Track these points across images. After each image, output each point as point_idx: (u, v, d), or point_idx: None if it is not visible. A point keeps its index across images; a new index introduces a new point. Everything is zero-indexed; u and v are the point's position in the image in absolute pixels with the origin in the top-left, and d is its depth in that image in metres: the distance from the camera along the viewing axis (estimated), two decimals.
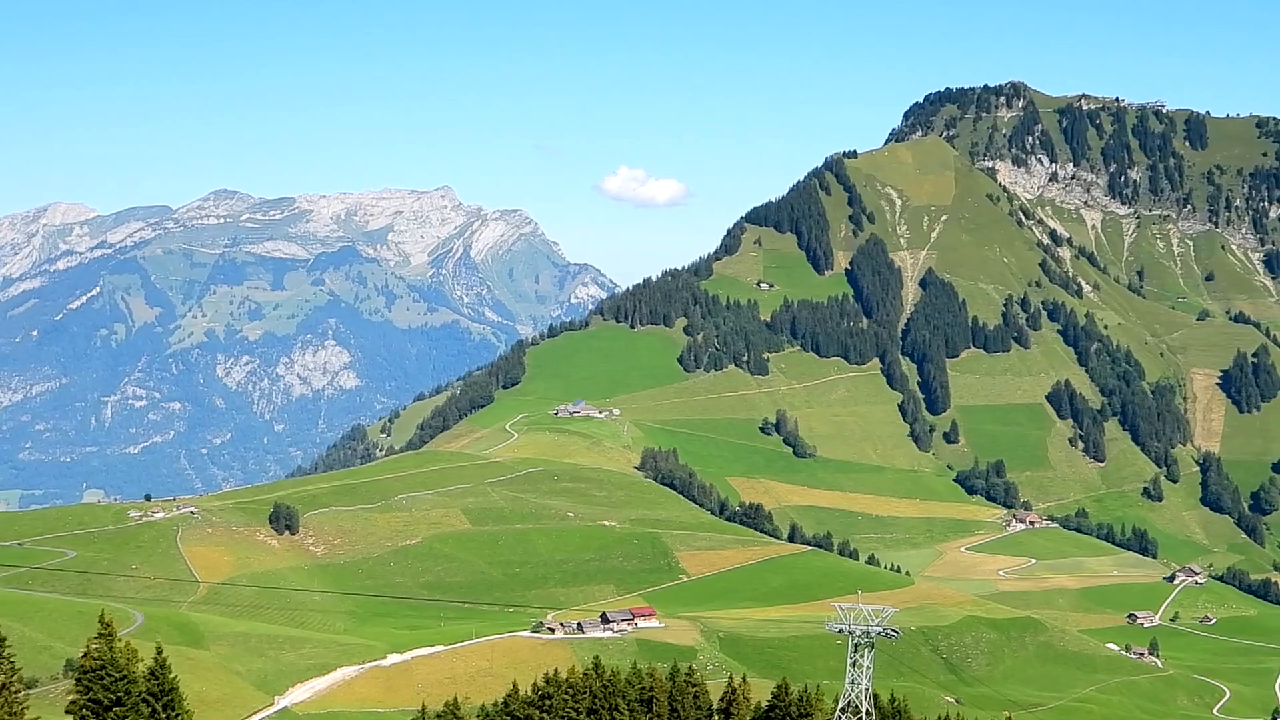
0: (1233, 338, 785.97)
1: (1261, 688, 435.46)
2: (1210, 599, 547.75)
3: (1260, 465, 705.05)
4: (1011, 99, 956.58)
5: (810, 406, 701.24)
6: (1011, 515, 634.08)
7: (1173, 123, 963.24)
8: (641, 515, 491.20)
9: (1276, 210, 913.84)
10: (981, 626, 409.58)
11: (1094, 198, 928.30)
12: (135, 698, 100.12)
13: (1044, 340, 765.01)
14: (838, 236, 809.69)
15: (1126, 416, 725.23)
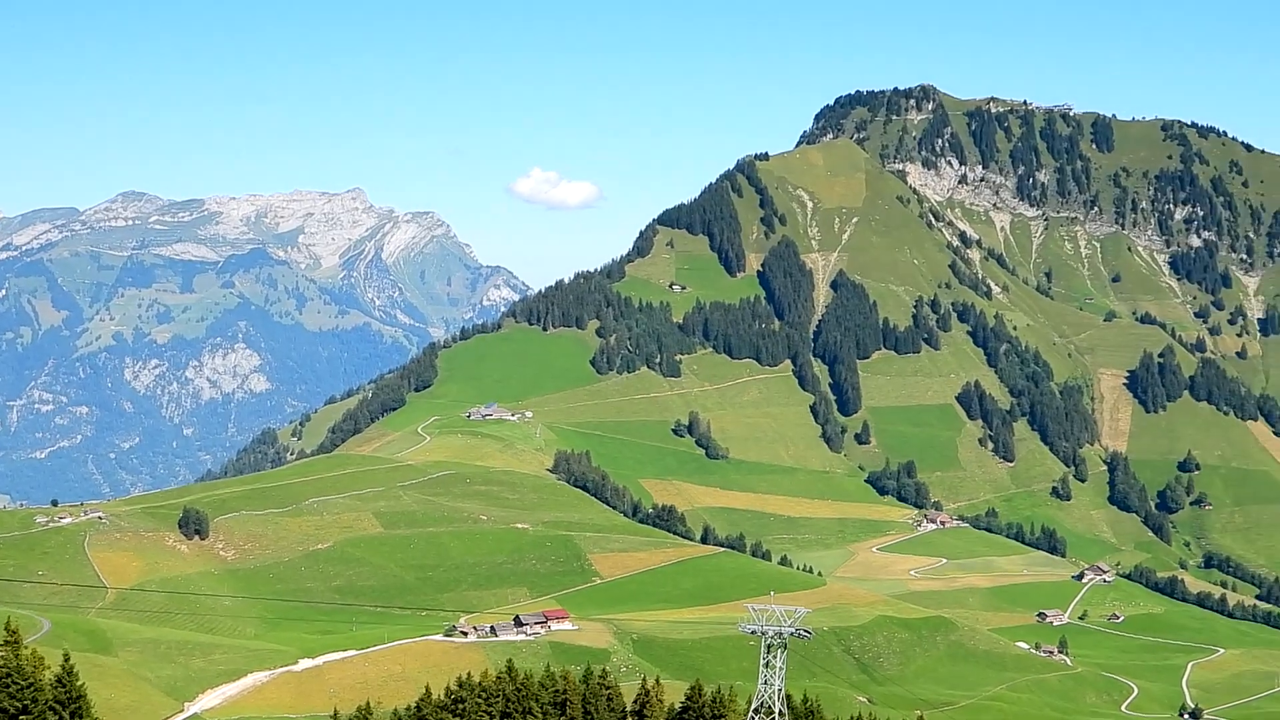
0: (1139, 338, 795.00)
1: (1168, 684, 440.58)
2: (1118, 597, 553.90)
3: (1166, 464, 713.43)
4: (921, 102, 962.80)
5: (723, 408, 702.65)
6: (922, 515, 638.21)
7: (1080, 126, 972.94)
8: (554, 518, 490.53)
9: (1181, 212, 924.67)
10: (893, 626, 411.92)
11: (1003, 200, 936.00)
12: (42, 705, 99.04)
13: (954, 341, 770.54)
14: (749, 238, 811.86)
15: (1035, 417, 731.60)
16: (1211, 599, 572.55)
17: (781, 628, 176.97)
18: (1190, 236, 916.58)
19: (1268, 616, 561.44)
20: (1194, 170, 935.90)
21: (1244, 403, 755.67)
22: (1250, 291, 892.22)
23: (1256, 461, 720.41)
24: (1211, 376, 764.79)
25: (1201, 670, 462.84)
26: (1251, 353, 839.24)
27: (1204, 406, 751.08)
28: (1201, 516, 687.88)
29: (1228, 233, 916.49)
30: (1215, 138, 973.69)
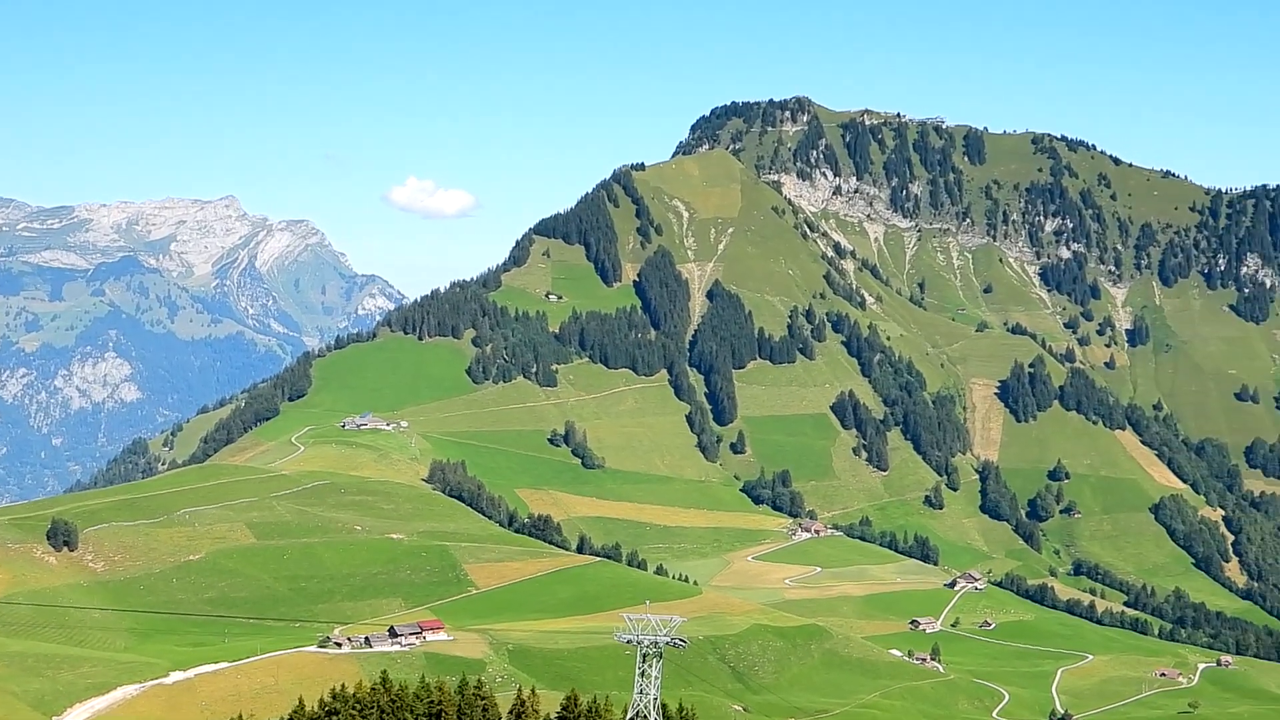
0: (1010, 349, 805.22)
1: (1039, 690, 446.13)
2: (989, 604, 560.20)
3: (1037, 473, 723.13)
4: (796, 113, 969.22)
5: (599, 418, 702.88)
6: (797, 524, 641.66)
7: (952, 138, 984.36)
8: (430, 528, 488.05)
9: (1051, 224, 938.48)
10: (768, 635, 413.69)
11: (876, 211, 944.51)
12: None
13: (828, 351, 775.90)
14: (626, 248, 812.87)
15: (908, 426, 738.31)
16: (1081, 606, 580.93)
17: (657, 637, 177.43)
18: (1060, 248, 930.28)
19: (1135, 623, 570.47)
20: (1064, 183, 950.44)
21: (1112, 412, 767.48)
22: (1118, 303, 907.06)
23: (1124, 470, 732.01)
24: (1081, 386, 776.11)
25: (1071, 676, 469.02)
26: (1119, 363, 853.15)
27: (1073, 416, 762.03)
28: (1071, 525, 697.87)
29: (1096, 245, 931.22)
30: (1084, 151, 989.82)
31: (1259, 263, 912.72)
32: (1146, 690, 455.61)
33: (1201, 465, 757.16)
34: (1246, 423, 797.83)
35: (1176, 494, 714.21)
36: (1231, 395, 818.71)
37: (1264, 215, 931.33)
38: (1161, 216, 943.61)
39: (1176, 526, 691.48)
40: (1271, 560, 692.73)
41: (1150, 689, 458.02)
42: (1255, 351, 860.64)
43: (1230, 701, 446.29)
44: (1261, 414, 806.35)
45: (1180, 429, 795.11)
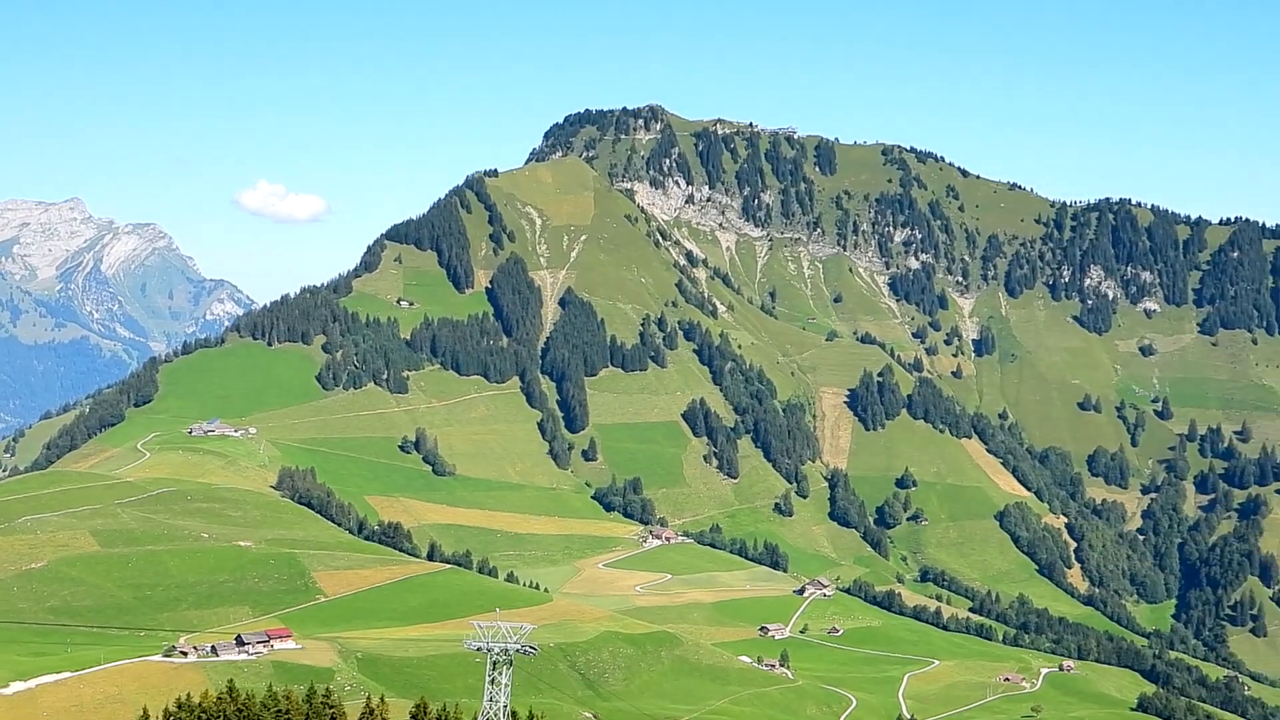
0: (859, 358, 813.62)
1: (886, 695, 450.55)
2: (838, 610, 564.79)
3: (885, 481, 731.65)
4: (650, 122, 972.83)
5: (450, 425, 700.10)
6: (648, 531, 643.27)
7: (804, 149, 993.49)
8: (278, 535, 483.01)
9: (901, 235, 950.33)
10: (618, 642, 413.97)
11: (728, 220, 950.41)
12: None
13: (680, 359, 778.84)
14: (478, 255, 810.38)
15: (759, 434, 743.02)
16: (927, 612, 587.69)
17: (507, 644, 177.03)
18: (909, 258, 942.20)
19: (980, 628, 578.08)
20: (913, 194, 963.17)
21: (959, 421, 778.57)
22: (965, 313, 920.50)
23: (970, 478, 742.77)
24: (928, 395, 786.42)
25: (917, 681, 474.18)
26: (966, 372, 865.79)
27: (921, 425, 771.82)
28: (918, 532, 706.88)
29: (944, 255, 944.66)
30: (933, 162, 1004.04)
31: (1102, 275, 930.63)
32: (991, 695, 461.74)
33: (1045, 473, 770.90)
34: (1089, 432, 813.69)
35: (1021, 501, 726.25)
36: (1074, 405, 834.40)
37: (1107, 228, 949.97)
38: (1008, 228, 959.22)
39: (1020, 533, 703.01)
40: (1112, 567, 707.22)
41: (994, 694, 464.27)
42: (1098, 362, 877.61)
43: (1072, 705, 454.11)
44: (1103, 423, 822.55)
45: (1025, 438, 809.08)
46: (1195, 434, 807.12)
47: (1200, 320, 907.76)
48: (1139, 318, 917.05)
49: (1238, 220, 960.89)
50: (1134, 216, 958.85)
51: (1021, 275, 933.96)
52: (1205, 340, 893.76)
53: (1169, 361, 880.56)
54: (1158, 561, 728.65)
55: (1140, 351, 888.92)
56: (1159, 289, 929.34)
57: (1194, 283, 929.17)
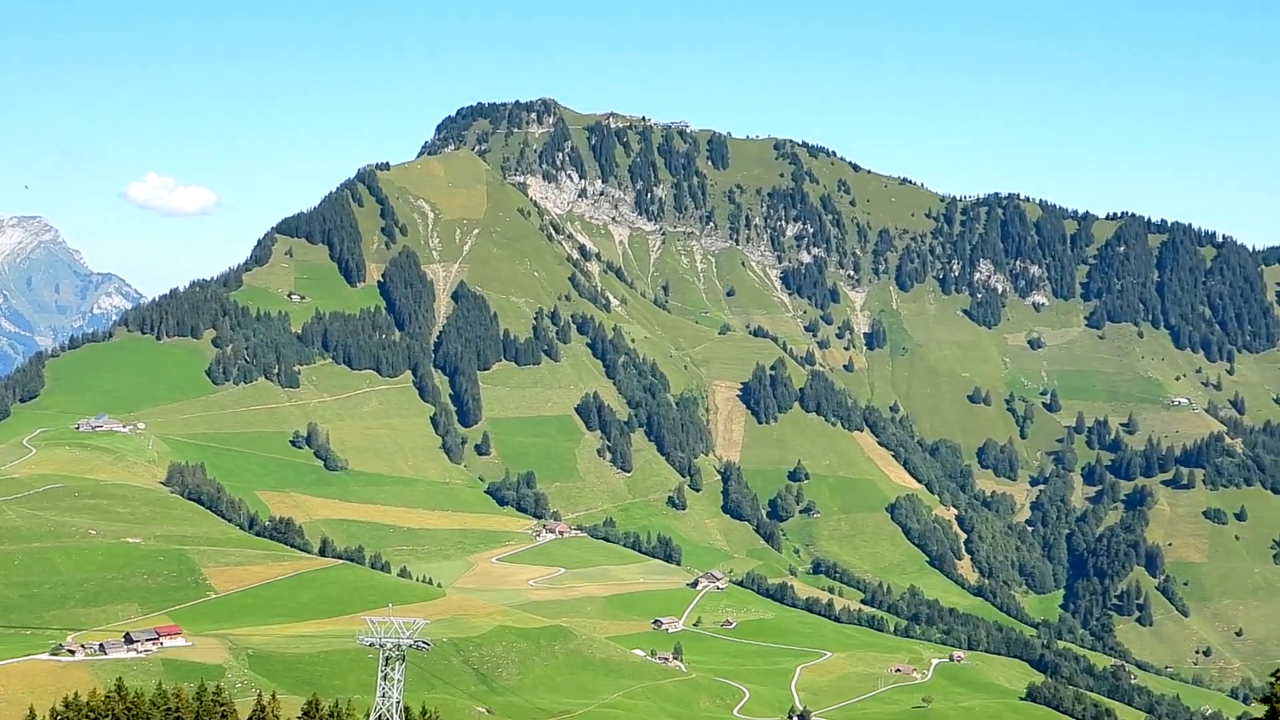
0: (752, 351, 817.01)
1: (779, 688, 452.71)
2: (731, 603, 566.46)
3: (777, 474, 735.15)
4: (542, 115, 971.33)
5: (342, 419, 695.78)
6: (541, 525, 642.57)
7: (696, 143, 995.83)
8: (167, 531, 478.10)
9: (793, 229, 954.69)
10: (512, 636, 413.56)
11: (621, 214, 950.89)
12: None
13: (573, 353, 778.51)
14: (370, 248, 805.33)
15: (652, 428, 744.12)
16: (819, 604, 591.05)
17: (400, 639, 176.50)
18: (801, 253, 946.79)
19: (872, 620, 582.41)
20: (805, 188, 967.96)
21: (850, 414, 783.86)
22: (857, 306, 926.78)
23: (862, 471, 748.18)
24: (820, 388, 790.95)
25: (809, 673, 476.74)
26: (858, 365, 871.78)
27: (813, 418, 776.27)
28: (810, 524, 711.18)
29: (836, 249, 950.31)
30: (825, 157, 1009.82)
31: (991, 269, 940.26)
32: (882, 686, 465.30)
33: (936, 466, 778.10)
34: (978, 424, 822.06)
35: (912, 494, 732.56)
36: (964, 397, 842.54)
37: (996, 223, 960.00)
38: (899, 223, 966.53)
39: (911, 525, 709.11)
40: (1001, 558, 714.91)
41: (886, 685, 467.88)
42: (987, 355, 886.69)
43: (962, 696, 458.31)
44: (993, 416, 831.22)
45: (915, 430, 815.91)
46: (1083, 426, 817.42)
47: (1087, 314, 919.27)
48: (1028, 311, 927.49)
49: (1124, 215, 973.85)
50: (1022, 211, 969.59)
51: (912, 269, 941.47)
52: (1092, 333, 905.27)
53: (1057, 354, 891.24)
54: (1046, 552, 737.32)
55: (1029, 345, 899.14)
56: (1047, 283, 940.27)
57: (1081, 277, 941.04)
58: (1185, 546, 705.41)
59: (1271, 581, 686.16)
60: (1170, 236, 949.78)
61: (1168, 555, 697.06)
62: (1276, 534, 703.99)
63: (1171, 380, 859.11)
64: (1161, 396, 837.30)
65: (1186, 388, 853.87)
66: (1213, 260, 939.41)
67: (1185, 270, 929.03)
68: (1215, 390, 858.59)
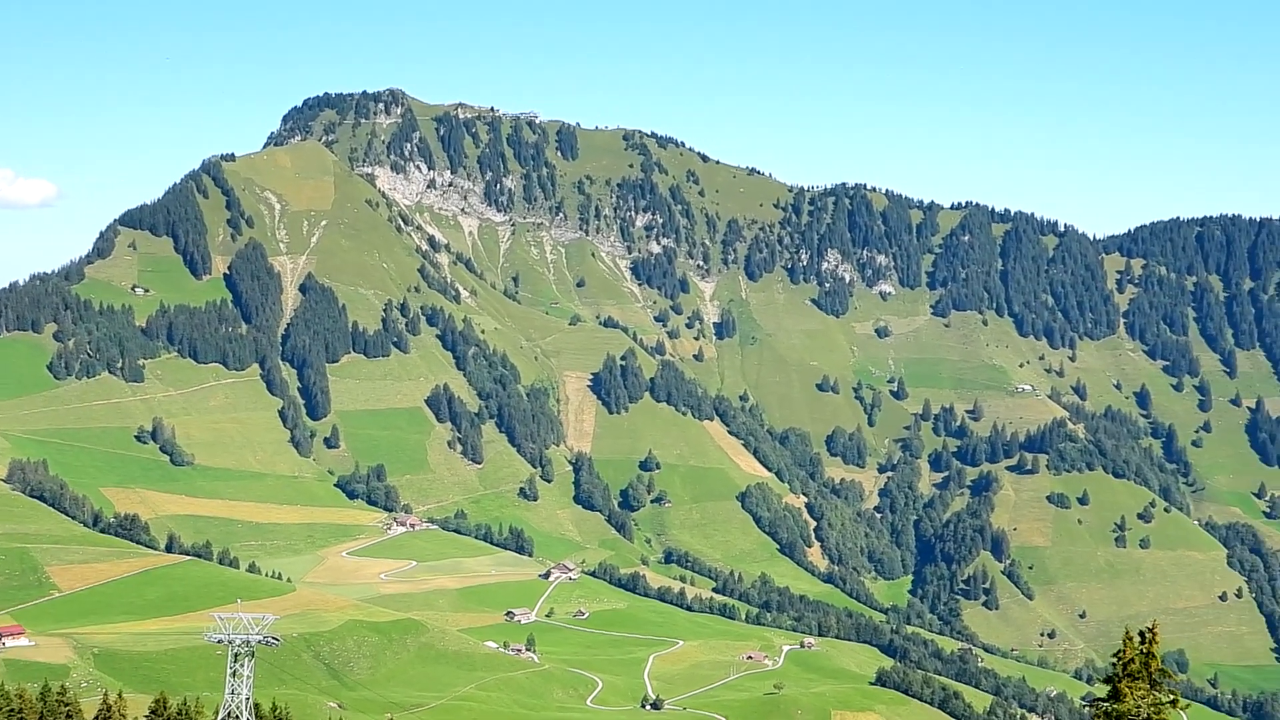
0: (603, 342, 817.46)
1: (631, 677, 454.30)
2: (583, 594, 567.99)
3: (629, 464, 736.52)
4: (390, 106, 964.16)
5: (188, 414, 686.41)
6: (392, 519, 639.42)
7: (546, 133, 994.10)
8: (9, 530, 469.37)
9: (642, 220, 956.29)
10: (363, 630, 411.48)
11: (471, 205, 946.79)
12: None
13: (423, 345, 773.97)
14: (216, 241, 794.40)
15: (503, 419, 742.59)
16: (671, 593, 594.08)
17: (248, 636, 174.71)
18: (650, 243, 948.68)
19: (723, 608, 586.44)
20: (654, 179, 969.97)
21: (700, 403, 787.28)
22: (706, 296, 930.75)
23: (713, 460, 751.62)
24: (670, 378, 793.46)
25: (662, 662, 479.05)
26: (708, 355, 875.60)
27: (664, 407, 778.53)
28: (662, 514, 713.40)
29: (686, 240, 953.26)
30: (674, 148, 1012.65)
31: (839, 258, 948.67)
32: (734, 673, 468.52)
33: (785, 454, 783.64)
34: (827, 412, 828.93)
35: (762, 482, 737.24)
36: (813, 386, 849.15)
37: (844, 212, 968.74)
38: (747, 213, 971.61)
39: (762, 514, 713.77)
40: (850, 545, 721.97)
41: (738, 672, 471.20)
42: (835, 344, 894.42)
43: (813, 681, 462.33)
44: (841, 404, 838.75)
45: (765, 419, 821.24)
46: (929, 413, 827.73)
47: (933, 302, 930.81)
48: (875, 300, 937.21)
49: (968, 205, 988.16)
50: (869, 201, 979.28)
51: (761, 259, 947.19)
52: (938, 322, 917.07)
53: (903, 343, 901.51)
54: (894, 539, 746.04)
55: (876, 333, 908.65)
56: (894, 272, 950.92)
57: (927, 266, 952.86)
58: (1030, 531, 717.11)
59: (1113, 564, 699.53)
60: (1013, 226, 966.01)
61: (1013, 540, 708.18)
62: (1118, 517, 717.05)
63: (1015, 367, 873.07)
64: (1006, 383, 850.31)
65: (1030, 375, 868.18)
66: (1055, 249, 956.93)
67: (1028, 259, 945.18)
68: (1058, 377, 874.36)
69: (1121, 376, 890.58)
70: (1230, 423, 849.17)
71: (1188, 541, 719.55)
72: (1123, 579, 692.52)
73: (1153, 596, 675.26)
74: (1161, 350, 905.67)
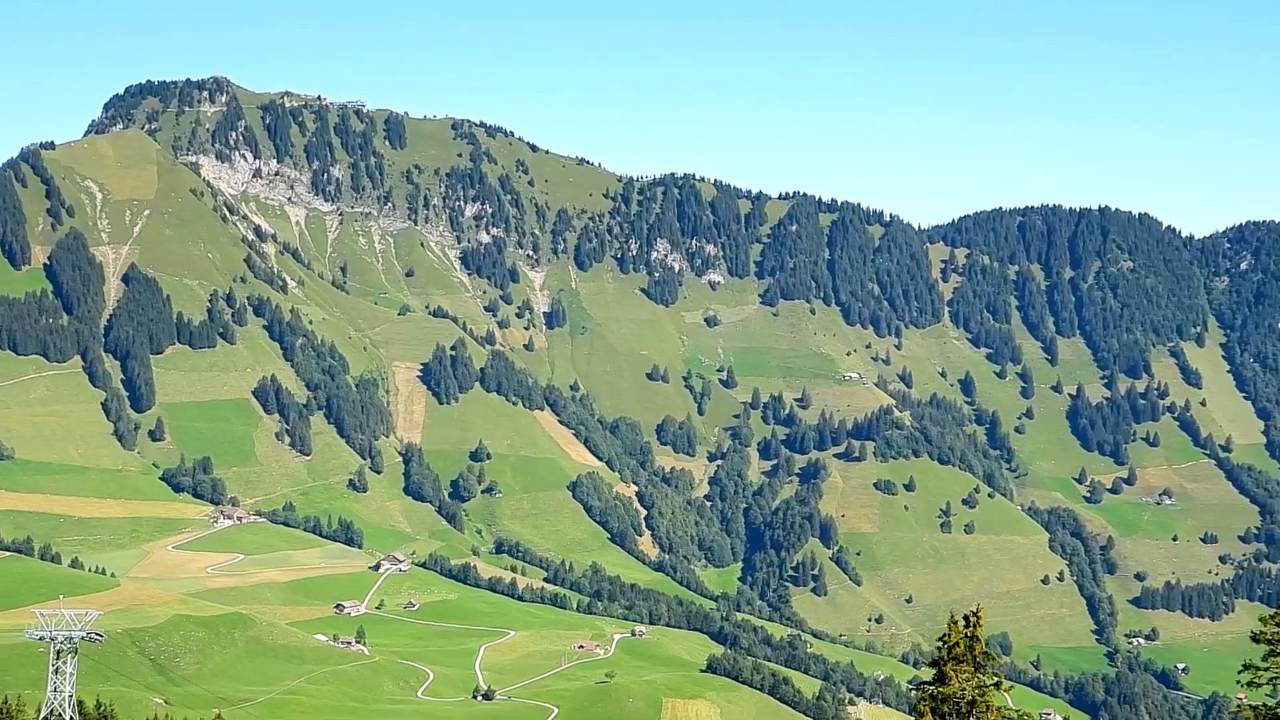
0: (432, 332, 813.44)
1: (463, 668, 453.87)
2: (414, 585, 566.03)
3: (459, 454, 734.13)
4: (215, 94, 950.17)
5: (7, 407, 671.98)
6: (219, 512, 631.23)
7: (373, 122, 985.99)
8: None
9: (472, 209, 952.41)
10: (190, 625, 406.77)
11: (298, 194, 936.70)
12: None
13: (250, 336, 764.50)
14: (35, 230, 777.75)
15: (332, 410, 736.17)
16: (502, 583, 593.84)
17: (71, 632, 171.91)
18: (480, 233, 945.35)
19: (555, 598, 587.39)
20: (483, 169, 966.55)
21: (531, 393, 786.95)
22: (536, 286, 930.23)
23: (543, 450, 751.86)
24: (501, 368, 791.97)
25: (493, 653, 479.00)
26: (538, 345, 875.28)
27: (494, 397, 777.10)
28: (493, 504, 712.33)
29: (515, 229, 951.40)
30: (503, 137, 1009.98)
31: (668, 248, 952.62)
32: (566, 663, 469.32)
33: (616, 443, 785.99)
34: (657, 401, 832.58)
35: (593, 471, 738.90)
36: (643, 375, 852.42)
37: (673, 202, 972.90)
38: (577, 203, 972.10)
39: (593, 503, 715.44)
40: (681, 533, 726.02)
41: (570, 661, 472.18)
42: (665, 333, 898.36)
43: (644, 670, 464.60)
44: (671, 393, 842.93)
45: (596, 408, 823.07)
46: (758, 402, 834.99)
47: (762, 291, 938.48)
48: (704, 290, 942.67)
49: (796, 195, 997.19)
50: (698, 191, 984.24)
51: (591, 249, 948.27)
52: (767, 311, 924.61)
53: (732, 332, 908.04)
54: (724, 526, 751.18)
55: (705, 322, 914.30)
56: (723, 261, 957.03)
57: (756, 255, 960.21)
58: (857, 517, 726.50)
59: (939, 549, 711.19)
60: (840, 215, 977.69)
61: (841, 526, 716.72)
62: (943, 504, 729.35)
63: (843, 356, 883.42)
64: (833, 372, 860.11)
65: (857, 363, 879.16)
66: (881, 238, 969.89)
67: (855, 248, 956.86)
68: (884, 365, 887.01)
69: (946, 364, 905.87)
70: (1052, 409, 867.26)
71: (1011, 526, 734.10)
72: (948, 564, 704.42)
73: (977, 581, 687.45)
74: (985, 338, 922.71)
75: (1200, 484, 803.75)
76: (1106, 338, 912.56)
